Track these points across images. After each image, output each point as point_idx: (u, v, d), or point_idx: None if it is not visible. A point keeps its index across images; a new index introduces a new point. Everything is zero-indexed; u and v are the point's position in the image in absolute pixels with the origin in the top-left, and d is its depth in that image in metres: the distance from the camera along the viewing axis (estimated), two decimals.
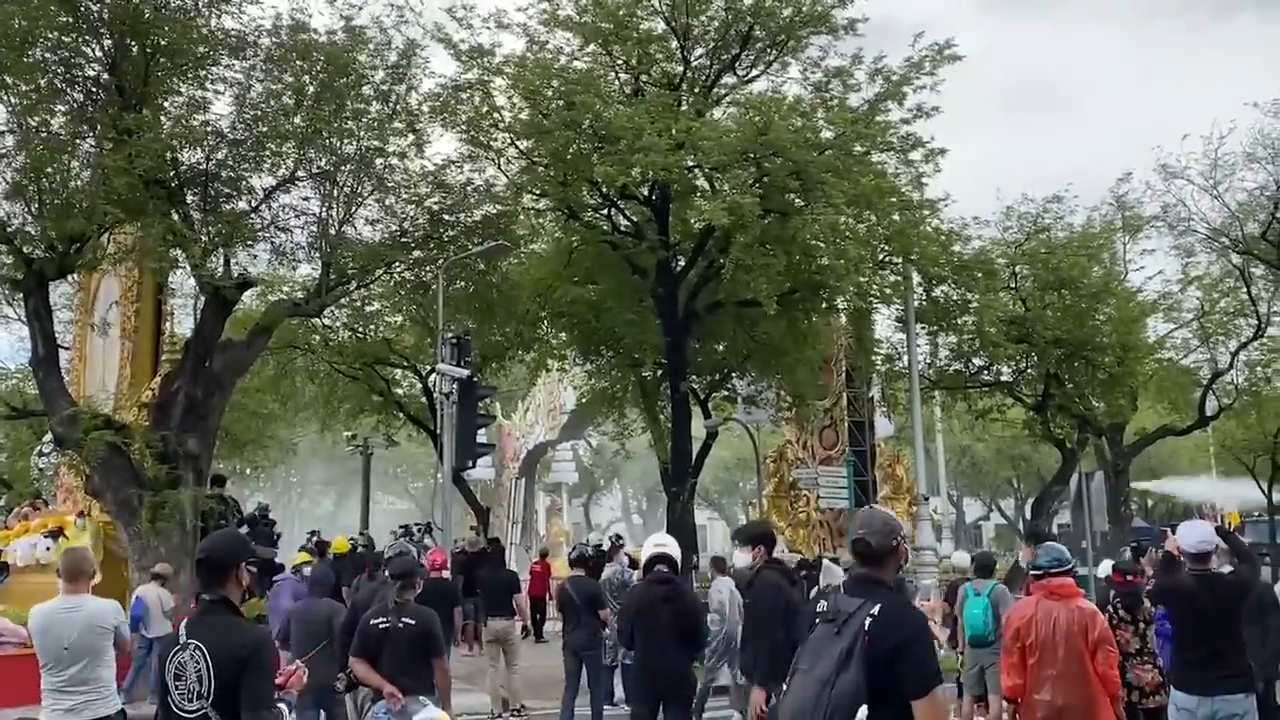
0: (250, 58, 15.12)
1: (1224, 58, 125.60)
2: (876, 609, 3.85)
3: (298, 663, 4.81)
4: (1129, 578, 8.61)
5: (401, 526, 19.58)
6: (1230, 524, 31.81)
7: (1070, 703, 5.82)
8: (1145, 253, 26.18)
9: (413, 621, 7.00)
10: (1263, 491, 33.36)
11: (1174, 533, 7.74)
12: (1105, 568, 10.12)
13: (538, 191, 19.75)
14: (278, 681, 4.26)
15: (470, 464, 16.10)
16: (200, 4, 14.58)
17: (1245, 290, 25.52)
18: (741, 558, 6.80)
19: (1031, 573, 6.66)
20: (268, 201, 16.01)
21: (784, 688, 4.04)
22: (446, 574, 12.49)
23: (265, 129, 15.09)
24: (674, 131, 16.90)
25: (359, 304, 20.17)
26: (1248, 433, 30.77)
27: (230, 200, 15.51)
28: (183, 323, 18.40)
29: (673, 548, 7.45)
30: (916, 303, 21.06)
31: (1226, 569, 6.76)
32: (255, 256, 17.14)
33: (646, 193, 19.09)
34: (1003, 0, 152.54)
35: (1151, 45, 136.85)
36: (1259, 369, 27.06)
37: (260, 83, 15.18)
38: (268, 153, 15.32)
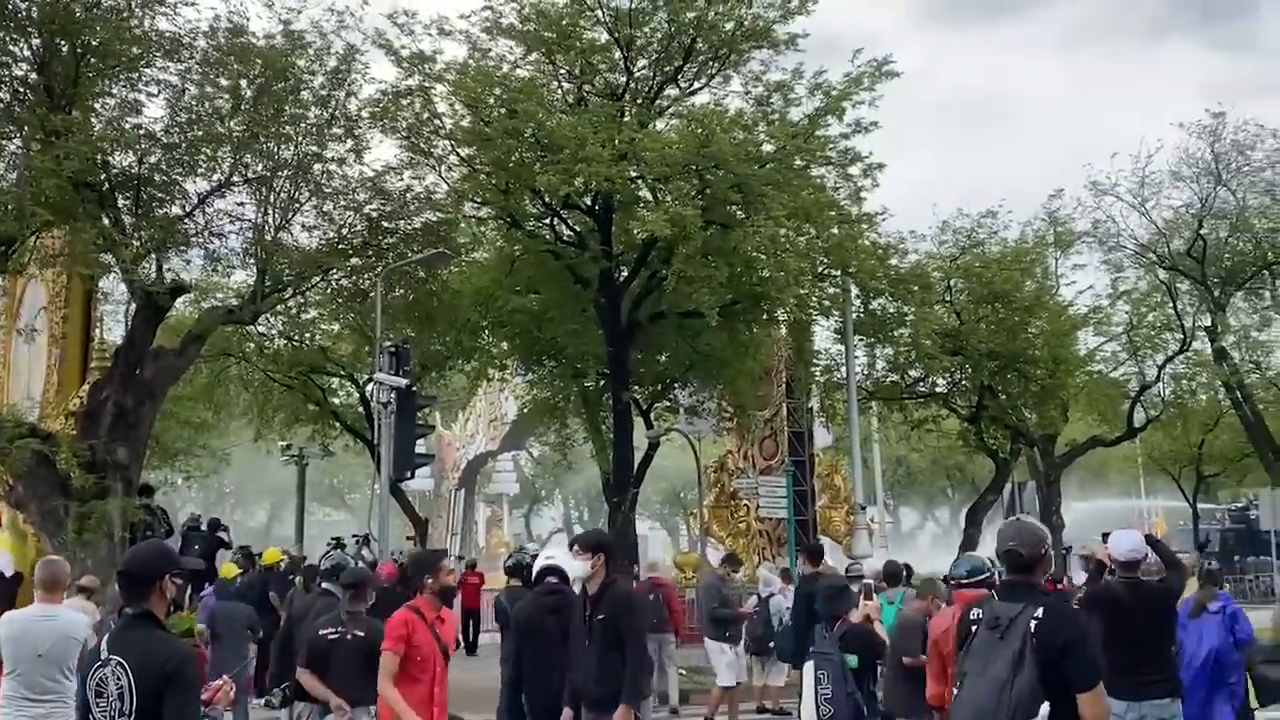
0: (185, 60, 14.88)
1: (1153, 79, 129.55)
2: (1040, 612, 4.19)
3: (225, 678, 4.69)
4: (1058, 585, 8.79)
5: (334, 538, 19.26)
6: (1158, 533, 32.67)
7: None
8: (1076, 268, 26.89)
9: (362, 633, 6.90)
10: (1188, 501, 34.30)
11: (1105, 541, 7.93)
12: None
13: (479, 199, 19.64)
14: (203, 697, 4.14)
15: (409, 475, 15.93)
16: (134, 4, 14.30)
17: (1171, 305, 26.27)
18: (578, 566, 6.41)
19: (949, 582, 6.77)
20: (202, 206, 15.76)
21: (953, 691, 4.31)
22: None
23: (200, 133, 14.86)
24: (617, 142, 16.93)
25: (295, 311, 19.88)
26: (1174, 444, 31.65)
27: (163, 205, 15.23)
28: (113, 329, 17.96)
29: (563, 559, 7.34)
30: (854, 315, 21.35)
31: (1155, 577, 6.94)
32: (189, 262, 16.87)
33: (589, 202, 19.10)
34: (943, 18, 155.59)
35: (1084, 65, 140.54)
36: (1184, 382, 27.83)
37: (195, 86, 14.94)
38: (202, 157, 15.09)
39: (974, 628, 4.36)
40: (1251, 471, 31.07)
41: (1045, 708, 4.05)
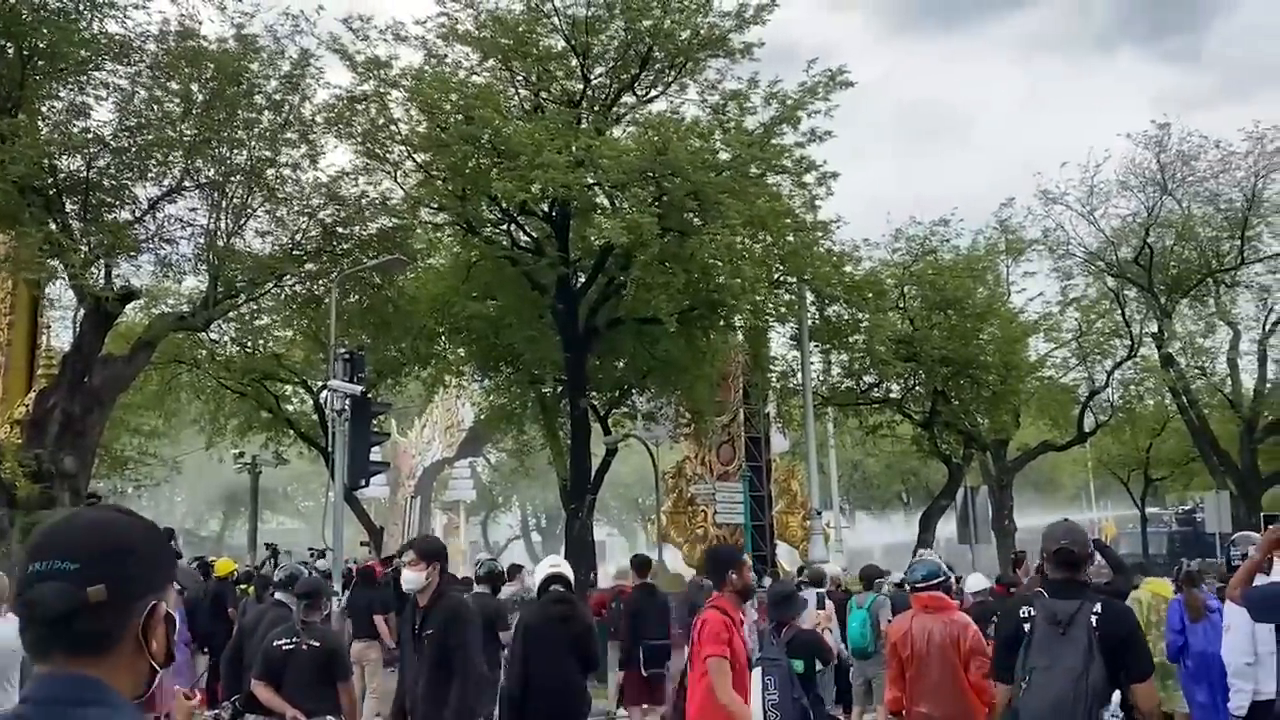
0: (135, 63, 14.69)
1: (1105, 89, 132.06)
2: (1098, 607, 4.50)
3: (178, 688, 4.60)
4: (1011, 589, 8.93)
5: (267, 545, 18.72)
6: (1107, 537, 33.23)
7: (947, 714, 6.00)
8: (1027, 275, 27.29)
9: (318, 643, 6.84)
10: (1136, 504, 34.94)
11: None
12: (972, 582, 10.39)
13: (435, 205, 19.55)
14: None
15: (363, 482, 15.76)
16: (82, 7, 14.09)
17: (1119, 312, 26.79)
18: (412, 577, 5.95)
19: (906, 586, 6.85)
20: (152, 211, 15.57)
21: (1023, 685, 4.48)
22: None
23: (150, 137, 14.67)
24: (574, 149, 16.94)
25: (248, 318, 19.69)
26: (1122, 448, 32.22)
27: (112, 210, 15.03)
28: (60, 335, 17.71)
29: (566, 568, 7.49)
30: (810, 322, 21.52)
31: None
32: (139, 268, 16.66)
33: (546, 209, 19.08)
34: (901, 29, 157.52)
35: (1039, 75, 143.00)
36: (1132, 387, 28.39)
37: (145, 89, 14.76)
38: (153, 161, 14.91)
39: (1026, 625, 4.58)
40: (1197, 475, 31.72)
41: (1116, 695, 4.38)
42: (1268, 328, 27.43)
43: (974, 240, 25.55)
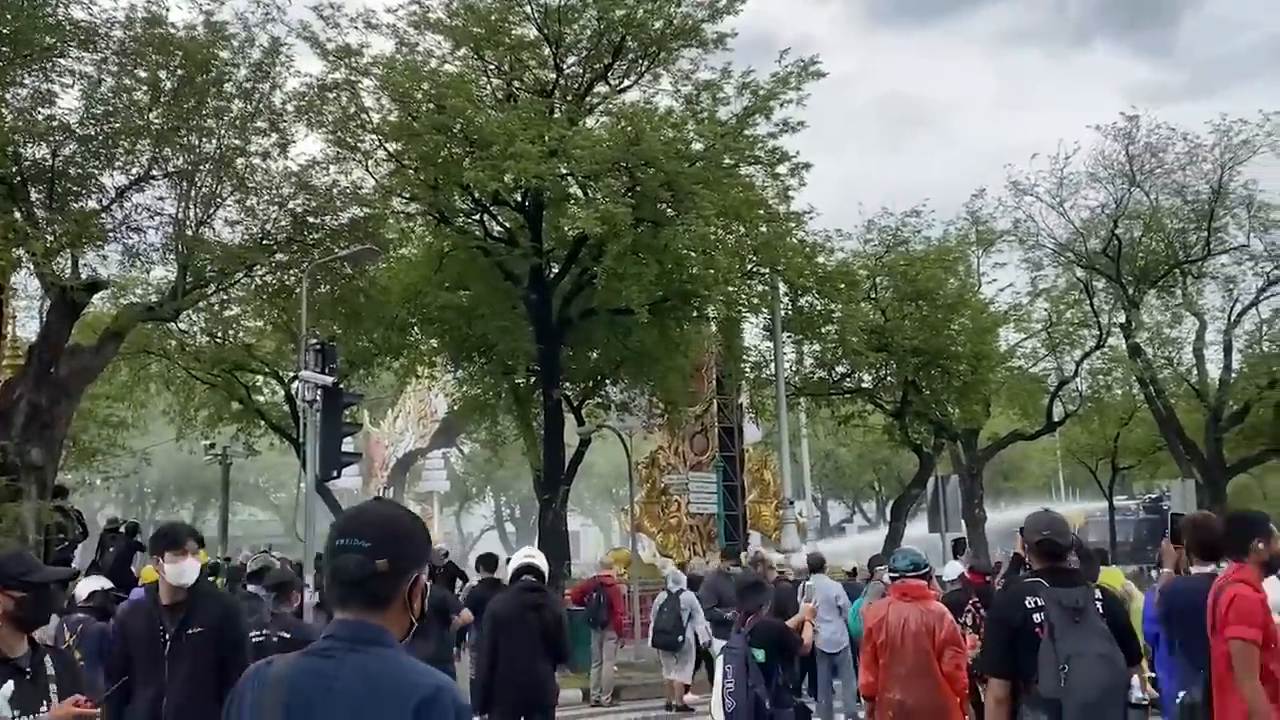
0: (101, 50, 14.49)
1: (1080, 82, 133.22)
2: (1098, 593, 4.61)
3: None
4: (985, 577, 9.01)
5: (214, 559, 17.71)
6: (1075, 526, 33.59)
7: (919, 702, 6.06)
8: (997, 266, 27.50)
9: (288, 635, 6.81)
10: (1104, 493, 35.32)
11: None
12: (950, 570, 10.52)
13: (407, 195, 19.45)
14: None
15: (335, 474, 15.68)
16: None
17: (1088, 302, 27.03)
18: (186, 569, 5.14)
19: (889, 575, 6.91)
20: (120, 200, 15.39)
21: (1063, 672, 4.42)
22: None
23: (118, 125, 14.49)
24: (546, 138, 16.90)
25: (218, 308, 19.52)
26: (1091, 437, 32.52)
27: (79, 198, 14.84)
28: (26, 326, 17.45)
29: (540, 559, 7.52)
30: (783, 312, 21.61)
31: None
32: (106, 257, 16.44)
33: (519, 199, 19.03)
34: (881, 21, 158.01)
35: (1014, 67, 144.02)
36: (1100, 377, 28.66)
37: (112, 77, 14.57)
38: (120, 150, 14.73)
39: (1036, 617, 4.56)
40: (1164, 464, 32.06)
41: (1136, 678, 4.53)
42: (1233, 318, 27.76)
43: (945, 231, 25.71)
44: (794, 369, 24.58)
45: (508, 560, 15.24)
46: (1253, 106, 50.77)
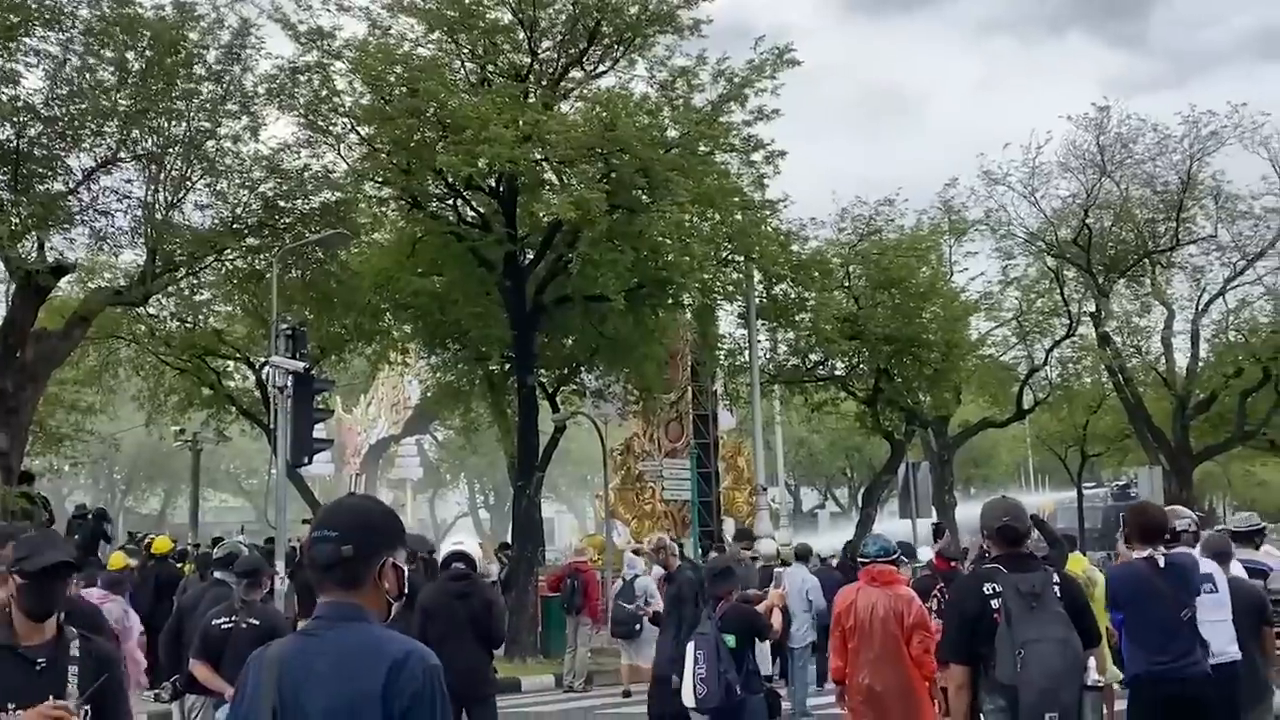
0: (67, 30, 14.27)
1: (1055, 72, 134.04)
2: (1055, 577, 4.70)
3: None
4: (952, 563, 9.08)
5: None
6: (1045, 512, 33.92)
7: (887, 685, 6.12)
8: (969, 254, 27.63)
9: (258, 622, 6.78)
10: (1073, 480, 35.70)
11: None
12: (920, 554, 10.62)
13: (380, 179, 19.28)
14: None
15: (307, 460, 15.60)
16: None
17: (1059, 291, 27.27)
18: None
19: (859, 560, 6.96)
20: (87, 183, 15.19)
21: (1019, 657, 4.43)
22: None
23: (84, 106, 14.29)
24: (521, 123, 16.80)
25: (188, 293, 19.32)
26: (1060, 425, 32.83)
27: (44, 180, 14.63)
28: None
29: (471, 546, 7.40)
30: (757, 300, 21.65)
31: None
32: (72, 241, 16.23)
33: (493, 184, 18.91)
34: (859, 9, 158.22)
35: (992, 57, 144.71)
36: (1070, 365, 28.94)
37: (78, 57, 14.35)
38: (87, 132, 14.53)
39: (994, 603, 4.61)
40: (1132, 451, 32.45)
41: (1092, 660, 4.64)
42: (1200, 308, 28.09)
43: (918, 220, 25.81)
44: (768, 356, 24.65)
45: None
46: (1223, 98, 51.33)
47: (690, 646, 6.45)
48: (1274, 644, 6.50)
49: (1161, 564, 5.49)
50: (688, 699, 6.47)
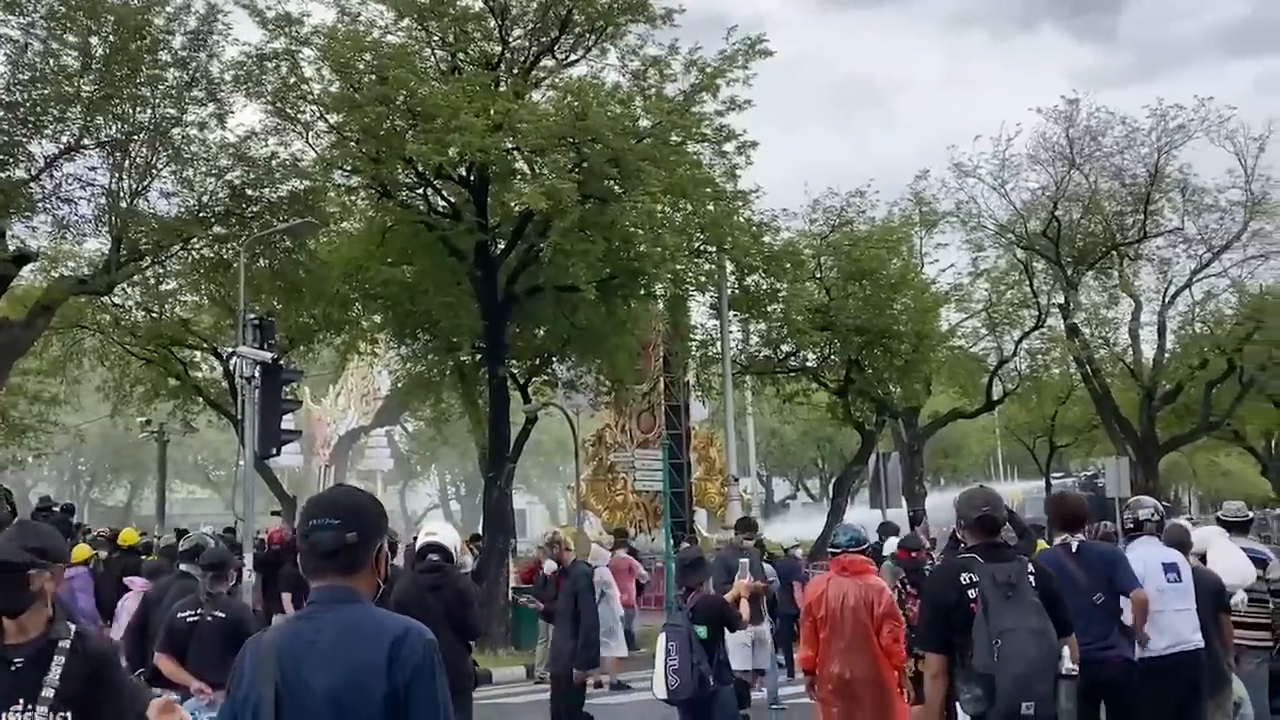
0: (29, 14, 14.03)
1: (1026, 64, 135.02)
2: (1030, 566, 4.75)
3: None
4: (914, 554, 9.12)
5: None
6: (1014, 503, 34.28)
7: (858, 674, 6.14)
8: (939, 246, 27.80)
9: (223, 614, 6.70)
10: (1041, 470, 36.08)
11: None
12: (889, 547, 10.67)
13: (349, 168, 19.07)
14: None
15: (275, 451, 15.44)
16: None
17: (1028, 283, 27.50)
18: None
19: (829, 549, 6.97)
20: (50, 170, 14.96)
21: (996, 646, 4.50)
22: None
23: (47, 92, 14.07)
24: (492, 112, 16.66)
25: (154, 282, 19.10)
26: (1029, 416, 33.18)
27: (5, 167, 14.41)
28: None
29: (445, 536, 7.23)
30: (729, 291, 21.66)
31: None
32: (35, 229, 16.01)
33: (464, 173, 18.76)
34: (835, 1, 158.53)
35: (962, 50, 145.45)
36: (1039, 356, 29.22)
37: (40, 42, 14.12)
38: (49, 117, 14.30)
39: (971, 592, 4.64)
40: (1099, 442, 32.84)
41: (1066, 649, 4.68)
42: (1167, 299, 28.45)
43: (889, 212, 25.94)
44: (740, 347, 24.70)
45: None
46: (1190, 92, 51.77)
47: (661, 638, 6.43)
48: (1232, 632, 6.59)
49: (1074, 548, 5.76)
50: (659, 690, 6.45)
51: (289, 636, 2.66)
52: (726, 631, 6.80)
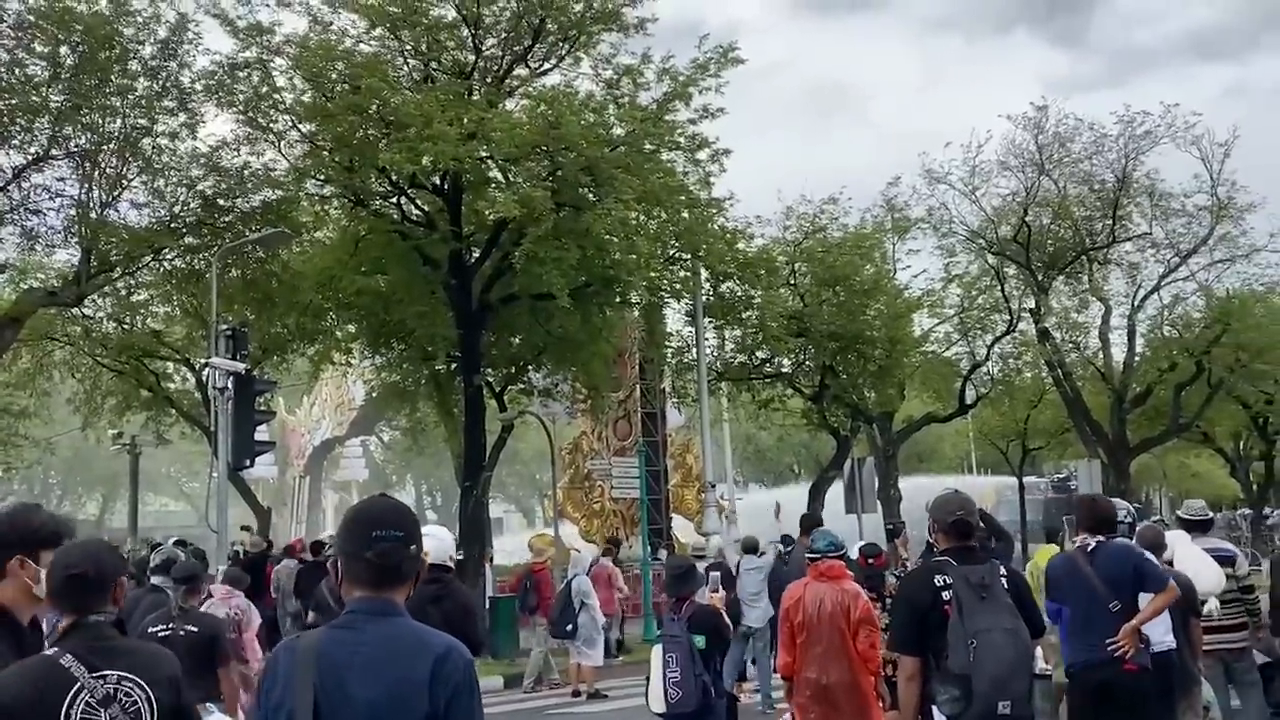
0: None
1: (1000, 70, 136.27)
2: (1001, 569, 4.79)
3: None
4: (871, 560, 9.16)
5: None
6: (986, 502, 34.51)
7: (834, 680, 6.16)
8: (912, 252, 28.03)
9: (195, 628, 6.66)
10: (1014, 472, 36.34)
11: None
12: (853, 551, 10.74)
13: (322, 177, 19.01)
14: None
15: (249, 462, 15.35)
16: None
17: (999, 288, 27.72)
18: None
19: (808, 555, 6.99)
20: (17, 181, 14.82)
21: (972, 647, 4.54)
22: None
23: (14, 102, 13.93)
24: (465, 121, 16.66)
25: (125, 293, 18.94)
26: (1002, 420, 33.40)
27: None
28: None
29: (432, 548, 7.10)
30: (704, 298, 21.72)
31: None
32: (2, 240, 15.85)
33: (438, 182, 18.74)
34: (809, 6, 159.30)
35: (936, 55, 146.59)
36: (1011, 361, 29.42)
37: (7, 51, 13.99)
38: (17, 128, 14.17)
39: (945, 595, 4.68)
40: (1071, 445, 33.12)
41: (1039, 650, 4.78)
42: (1136, 304, 28.75)
43: (862, 218, 26.08)
44: (715, 354, 24.76)
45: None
46: (1160, 97, 52.47)
47: (658, 650, 6.34)
48: (1200, 635, 6.66)
49: (1090, 548, 5.73)
50: (656, 704, 6.35)
51: (330, 643, 2.62)
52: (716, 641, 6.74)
